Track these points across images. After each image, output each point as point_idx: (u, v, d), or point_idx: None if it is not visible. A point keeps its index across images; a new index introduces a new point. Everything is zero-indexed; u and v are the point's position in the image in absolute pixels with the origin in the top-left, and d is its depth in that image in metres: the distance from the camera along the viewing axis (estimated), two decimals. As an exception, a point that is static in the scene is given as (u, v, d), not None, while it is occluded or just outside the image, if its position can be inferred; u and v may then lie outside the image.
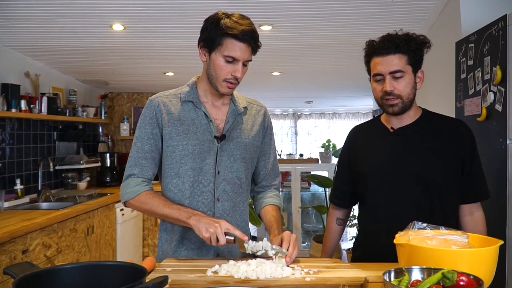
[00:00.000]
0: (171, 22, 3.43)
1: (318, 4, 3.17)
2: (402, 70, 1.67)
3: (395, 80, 1.68)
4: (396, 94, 1.68)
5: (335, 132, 10.87)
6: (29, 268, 1.13)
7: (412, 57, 1.68)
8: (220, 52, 1.65)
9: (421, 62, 1.73)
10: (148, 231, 5.18)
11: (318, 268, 1.49)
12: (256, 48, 1.69)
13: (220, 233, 1.53)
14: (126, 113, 6.09)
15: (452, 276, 1.06)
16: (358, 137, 1.91)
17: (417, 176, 1.69)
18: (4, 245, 2.71)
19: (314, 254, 5.19)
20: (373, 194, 1.78)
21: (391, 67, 1.67)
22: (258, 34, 1.68)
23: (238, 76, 1.67)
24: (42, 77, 4.40)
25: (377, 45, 1.71)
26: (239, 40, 1.62)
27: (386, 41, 1.68)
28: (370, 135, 1.86)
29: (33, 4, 3.10)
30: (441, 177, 1.69)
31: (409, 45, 1.66)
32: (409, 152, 1.72)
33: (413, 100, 1.73)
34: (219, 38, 1.63)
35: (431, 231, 1.37)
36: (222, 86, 1.69)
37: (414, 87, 1.71)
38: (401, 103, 1.69)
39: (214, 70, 1.68)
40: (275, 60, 4.78)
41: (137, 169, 1.75)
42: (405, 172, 1.70)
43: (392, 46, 1.66)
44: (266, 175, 1.91)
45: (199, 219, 1.59)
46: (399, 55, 1.67)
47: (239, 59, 1.64)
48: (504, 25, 2.23)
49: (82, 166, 4.80)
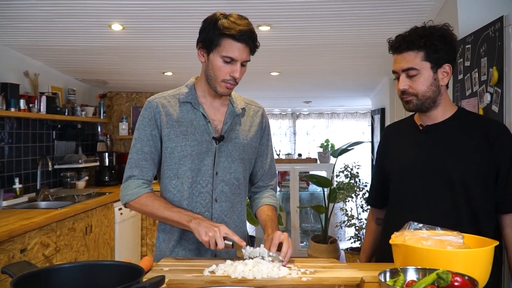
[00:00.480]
0: (170, 22, 3.43)
1: (316, 4, 3.18)
2: (415, 68, 1.61)
3: (410, 78, 1.63)
4: (411, 92, 1.64)
5: (334, 132, 10.87)
6: (27, 267, 1.14)
7: (430, 53, 1.60)
8: (218, 53, 1.65)
9: (448, 57, 1.63)
10: (146, 230, 5.18)
11: (315, 268, 1.50)
12: (254, 48, 1.69)
13: (219, 237, 1.54)
14: (125, 113, 6.09)
15: (447, 277, 1.07)
16: (390, 135, 1.87)
17: (444, 175, 1.62)
18: (3, 244, 2.72)
19: (312, 254, 5.21)
20: (399, 192, 1.74)
21: (403, 64, 1.63)
22: (256, 34, 1.68)
23: (236, 77, 1.67)
24: (41, 76, 4.41)
25: (392, 43, 1.68)
26: (237, 41, 1.62)
27: (400, 38, 1.64)
28: (402, 133, 1.83)
29: (32, 4, 3.10)
30: (470, 178, 1.60)
31: (424, 41, 1.59)
32: (437, 150, 1.66)
33: (436, 97, 1.65)
34: (217, 38, 1.64)
35: (426, 231, 1.38)
36: (221, 87, 1.69)
37: (435, 84, 1.63)
38: (417, 100, 1.64)
39: (212, 70, 1.68)
40: (274, 60, 4.78)
41: (137, 171, 1.76)
42: (432, 170, 1.65)
43: (404, 43, 1.62)
44: (263, 176, 1.92)
45: (199, 222, 1.60)
46: (414, 52, 1.61)
47: (237, 59, 1.65)
48: (501, 26, 2.24)
49: (80, 165, 4.80)
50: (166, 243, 1.79)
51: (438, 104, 1.68)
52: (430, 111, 1.69)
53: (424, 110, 1.69)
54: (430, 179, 1.66)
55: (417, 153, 1.71)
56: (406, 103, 1.68)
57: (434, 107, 1.68)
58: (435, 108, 1.68)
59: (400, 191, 1.73)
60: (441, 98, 1.68)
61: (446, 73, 1.65)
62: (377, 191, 1.93)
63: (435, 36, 1.60)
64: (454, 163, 1.63)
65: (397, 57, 1.66)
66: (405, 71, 1.63)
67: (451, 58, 1.65)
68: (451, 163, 1.63)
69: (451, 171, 1.62)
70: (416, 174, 1.68)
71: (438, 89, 1.65)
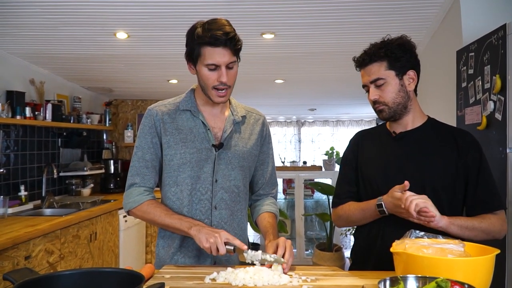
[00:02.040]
0: (174, 31, 3.46)
1: (320, 12, 3.19)
2: (381, 77, 1.68)
3: (378, 88, 1.70)
4: (381, 101, 1.71)
5: (339, 140, 10.86)
6: (28, 274, 1.14)
7: (392, 61, 1.67)
8: (201, 63, 1.66)
9: (411, 63, 1.70)
10: (151, 238, 5.19)
11: (316, 276, 1.50)
12: (234, 48, 1.65)
13: (220, 243, 1.54)
14: (130, 120, 6.13)
15: (446, 285, 1.07)
16: (362, 141, 1.88)
17: (415, 180, 1.64)
18: (7, 251, 2.73)
19: (317, 262, 5.19)
20: (371, 198, 1.74)
21: (370, 77, 1.70)
22: (234, 33, 1.63)
23: (224, 81, 1.66)
24: (47, 84, 4.45)
25: (356, 59, 1.76)
26: (215, 45, 1.61)
27: (362, 54, 1.73)
28: (374, 139, 1.86)
29: (38, 13, 3.14)
30: (440, 185, 1.65)
31: (383, 51, 1.67)
32: (409, 156, 1.71)
33: (407, 103, 1.71)
34: (197, 49, 1.64)
35: (428, 239, 1.38)
36: (213, 95, 1.70)
37: (403, 90, 1.70)
38: (388, 109, 1.71)
39: (202, 80, 1.70)
40: (278, 67, 4.80)
41: (138, 178, 1.77)
42: (404, 176, 1.65)
43: (367, 56, 1.70)
44: (264, 184, 1.92)
45: (199, 229, 1.60)
46: (378, 63, 1.69)
47: (220, 63, 1.64)
48: (504, 34, 2.24)
49: (86, 173, 4.83)
50: (165, 250, 1.80)
51: (409, 110, 1.74)
52: (402, 118, 1.74)
53: (397, 118, 1.74)
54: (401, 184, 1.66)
55: (390, 159, 1.75)
56: (379, 112, 1.74)
57: (406, 113, 1.74)
58: (406, 114, 1.74)
59: (372, 196, 1.73)
60: (411, 104, 1.74)
61: (412, 79, 1.72)
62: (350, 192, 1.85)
63: (394, 45, 1.68)
64: (425, 170, 1.67)
65: (363, 71, 1.74)
66: (373, 82, 1.71)
67: (414, 65, 1.72)
68: (422, 169, 1.68)
69: (422, 177, 1.66)
70: (388, 180, 1.70)
71: (407, 95, 1.72)
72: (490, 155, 2.33)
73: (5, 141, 3.83)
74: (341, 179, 1.91)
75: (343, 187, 1.87)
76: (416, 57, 1.73)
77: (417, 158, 1.70)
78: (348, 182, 1.86)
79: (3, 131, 3.78)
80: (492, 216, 1.64)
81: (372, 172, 1.78)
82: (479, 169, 1.66)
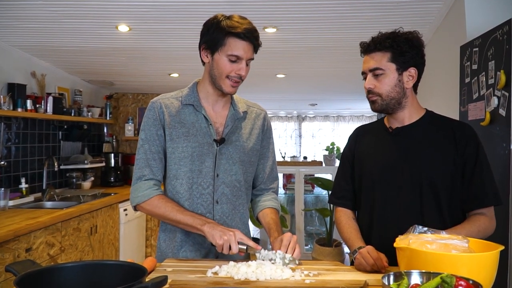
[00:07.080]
0: (176, 24, 3.44)
1: (322, 6, 3.18)
2: (381, 68, 1.66)
3: (375, 77, 1.68)
4: (376, 92, 1.68)
5: (339, 135, 10.86)
6: (30, 266, 1.14)
7: (396, 54, 1.64)
8: (223, 52, 1.67)
9: (415, 61, 1.67)
10: (151, 231, 5.19)
11: (318, 271, 1.49)
12: (257, 46, 1.72)
13: (233, 241, 1.55)
14: (131, 114, 6.11)
15: (451, 281, 1.06)
16: (360, 137, 1.88)
17: (412, 176, 1.65)
18: (8, 243, 2.73)
19: (316, 257, 5.19)
20: (368, 194, 1.76)
21: (371, 64, 1.68)
22: (258, 32, 1.71)
23: (242, 74, 1.69)
24: (48, 77, 4.44)
25: (362, 44, 1.73)
26: (242, 39, 1.65)
27: (370, 40, 1.70)
28: (372, 135, 1.85)
29: (39, 5, 3.12)
30: (438, 179, 1.63)
31: (389, 42, 1.64)
32: (405, 151, 1.70)
33: (401, 99, 1.69)
34: (222, 38, 1.65)
35: (431, 235, 1.37)
36: (226, 85, 1.70)
37: (399, 85, 1.67)
38: (381, 100, 1.68)
39: (217, 69, 1.70)
40: (280, 62, 4.79)
41: (147, 170, 1.75)
42: (400, 172, 1.67)
43: (373, 44, 1.67)
44: (264, 179, 1.92)
45: (213, 226, 1.60)
46: (381, 52, 1.66)
47: (243, 57, 1.67)
48: (509, 29, 2.23)
49: (86, 166, 4.82)
50: (167, 244, 1.80)
51: (404, 106, 1.71)
52: (397, 113, 1.72)
53: (390, 112, 1.72)
54: (400, 180, 1.67)
55: (388, 154, 1.73)
56: (371, 103, 1.73)
57: (400, 109, 1.72)
58: (401, 110, 1.72)
59: (370, 192, 1.74)
60: (407, 100, 1.71)
61: (412, 76, 1.68)
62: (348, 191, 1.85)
63: (401, 38, 1.65)
64: (422, 165, 1.66)
65: (366, 57, 1.72)
66: (372, 71, 1.68)
67: (417, 63, 1.69)
68: (419, 165, 1.66)
69: (419, 173, 1.65)
70: (387, 175, 1.70)
71: (402, 91, 1.69)
72: (494, 151, 2.33)
73: (6, 134, 3.82)
74: (338, 175, 1.92)
75: (339, 184, 1.89)
76: (422, 56, 1.70)
77: (413, 153, 1.68)
78: (345, 178, 1.87)
79: (4, 123, 3.78)
80: (481, 217, 1.62)
81: (369, 167, 1.77)
82: (475, 163, 1.63)
